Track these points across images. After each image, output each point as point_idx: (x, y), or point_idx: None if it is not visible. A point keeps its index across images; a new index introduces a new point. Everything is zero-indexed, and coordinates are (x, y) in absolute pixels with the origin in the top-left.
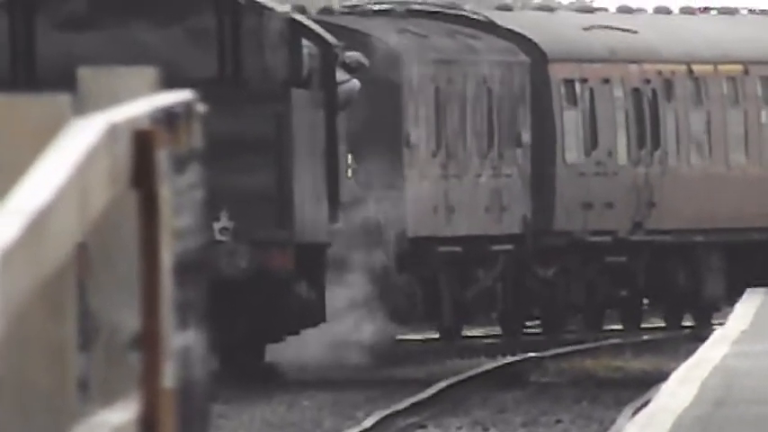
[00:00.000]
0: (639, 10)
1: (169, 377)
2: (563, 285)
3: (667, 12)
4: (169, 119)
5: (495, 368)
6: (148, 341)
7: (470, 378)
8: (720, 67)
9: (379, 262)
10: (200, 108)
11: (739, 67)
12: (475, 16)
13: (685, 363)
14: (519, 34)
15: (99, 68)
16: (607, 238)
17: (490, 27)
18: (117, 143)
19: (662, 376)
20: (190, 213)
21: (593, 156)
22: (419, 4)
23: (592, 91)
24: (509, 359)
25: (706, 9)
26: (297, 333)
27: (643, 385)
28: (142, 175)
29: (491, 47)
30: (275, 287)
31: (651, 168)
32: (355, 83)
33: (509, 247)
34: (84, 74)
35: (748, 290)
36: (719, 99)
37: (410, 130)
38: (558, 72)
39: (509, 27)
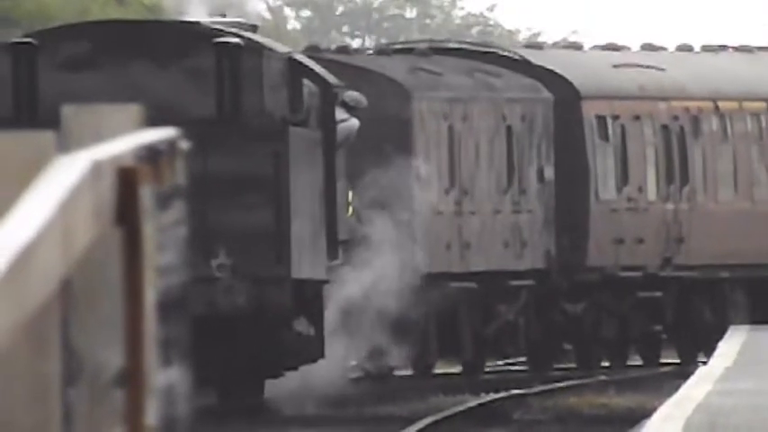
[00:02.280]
0: (661, 47)
1: (152, 414)
2: (592, 320)
3: (690, 49)
4: (152, 156)
5: (479, 405)
6: (132, 378)
7: (454, 415)
8: (745, 104)
9: (383, 297)
10: (184, 145)
11: (763, 105)
12: (506, 53)
13: (669, 400)
14: (551, 71)
15: (83, 106)
16: (638, 274)
17: (523, 64)
18: (101, 180)
19: (646, 413)
20: (173, 250)
21: (625, 192)
22: (447, 42)
23: (623, 127)
24: (492, 396)
25: (723, 47)
26: (295, 369)
27: (627, 423)
28: (126, 212)
29: (511, 84)
30: (273, 323)
31: (680, 204)
32: (354, 122)
33: (530, 282)
34: (68, 111)
35: (732, 327)
36: (744, 135)
37: (420, 167)
38: (590, 109)
39: (540, 64)
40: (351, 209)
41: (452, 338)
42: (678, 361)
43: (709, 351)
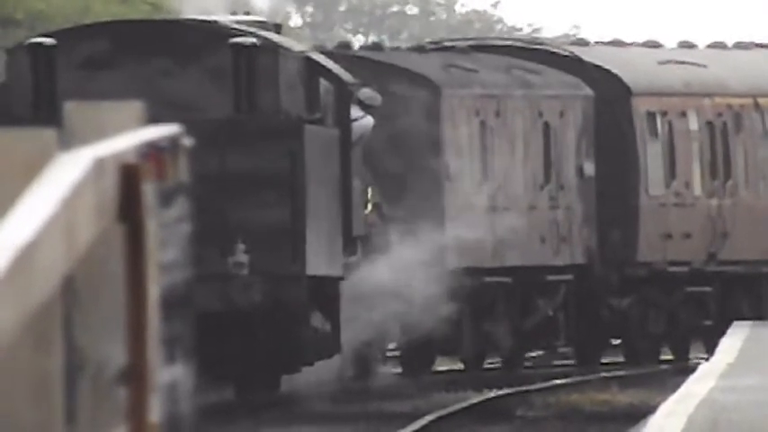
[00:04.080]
0: (693, 45)
1: (155, 411)
2: (639, 315)
3: (723, 47)
4: (155, 153)
5: (481, 402)
6: (135, 375)
7: (456, 412)
8: None
9: (406, 292)
10: (186, 142)
11: None
12: (557, 50)
13: (672, 397)
14: (601, 68)
15: (85, 103)
16: (684, 269)
17: (573, 61)
18: (103, 177)
19: (649, 410)
20: (176, 247)
21: (672, 187)
22: (491, 39)
23: (670, 124)
24: (495, 393)
25: (758, 44)
26: (311, 364)
27: (630, 419)
28: (128, 208)
29: (550, 81)
30: (289, 320)
31: (723, 200)
32: (369, 119)
33: (568, 277)
34: (71, 108)
35: (735, 322)
36: None
37: (450, 163)
38: (640, 105)
39: (590, 61)
40: (369, 205)
41: (490, 333)
42: (706, 356)
43: None
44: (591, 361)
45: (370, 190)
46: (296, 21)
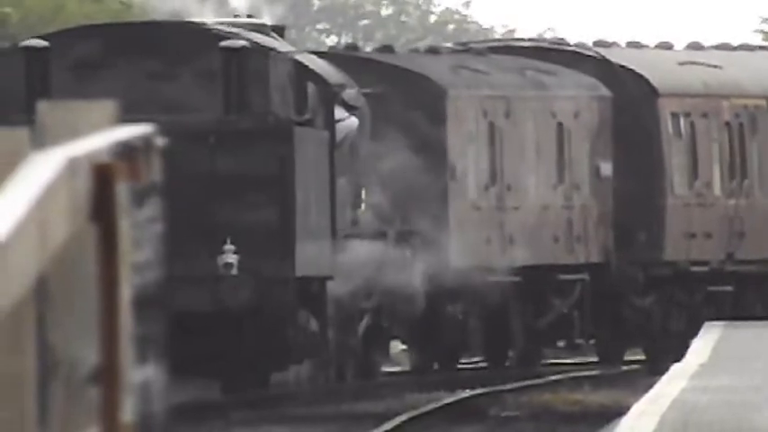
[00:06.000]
0: (703, 46)
1: (128, 411)
2: (660, 314)
3: (731, 48)
4: (128, 152)
5: (455, 402)
6: (108, 375)
7: (429, 412)
8: None
9: (405, 291)
10: (160, 142)
11: None
12: (582, 51)
13: (644, 397)
14: (628, 69)
15: (58, 102)
16: (705, 268)
17: (599, 62)
18: (76, 177)
19: (621, 411)
20: (149, 247)
21: (695, 187)
22: (510, 41)
23: (692, 124)
24: (468, 393)
25: (763, 47)
26: (300, 363)
27: (602, 419)
28: (101, 208)
29: (565, 82)
30: (277, 320)
31: (740, 200)
32: (353, 120)
33: (583, 276)
34: (44, 107)
35: (706, 323)
36: None
37: (456, 163)
38: (665, 106)
39: (616, 62)
40: (363, 206)
41: (501, 332)
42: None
43: None
44: (613, 360)
45: (363, 191)
46: (267, 21)
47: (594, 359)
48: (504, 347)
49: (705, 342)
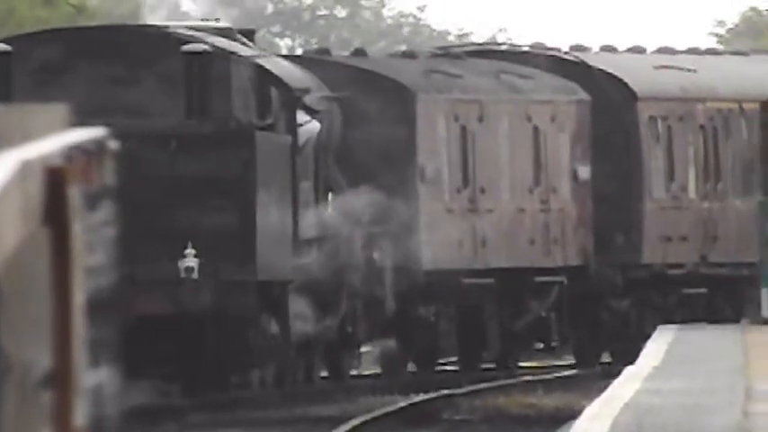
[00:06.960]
0: (674, 51)
1: (81, 415)
2: (636, 317)
3: (699, 53)
4: (81, 156)
5: (409, 405)
6: (60, 379)
7: (383, 415)
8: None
9: (369, 294)
10: (112, 145)
11: None
12: (561, 56)
13: (597, 400)
14: (606, 72)
15: (10, 106)
16: (680, 271)
17: (578, 66)
18: (28, 180)
19: (574, 413)
20: (102, 250)
21: (672, 191)
22: (492, 45)
23: (669, 128)
24: (422, 396)
25: (741, 52)
26: (262, 366)
27: (555, 422)
28: (54, 212)
29: (541, 86)
30: (239, 323)
31: (714, 203)
32: (315, 125)
33: (561, 278)
34: None
35: (660, 326)
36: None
37: (426, 166)
38: (644, 110)
39: (595, 65)
40: (330, 208)
41: (475, 334)
42: None
43: None
44: (589, 362)
45: (330, 194)
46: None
47: (572, 361)
48: (478, 350)
49: (659, 345)
